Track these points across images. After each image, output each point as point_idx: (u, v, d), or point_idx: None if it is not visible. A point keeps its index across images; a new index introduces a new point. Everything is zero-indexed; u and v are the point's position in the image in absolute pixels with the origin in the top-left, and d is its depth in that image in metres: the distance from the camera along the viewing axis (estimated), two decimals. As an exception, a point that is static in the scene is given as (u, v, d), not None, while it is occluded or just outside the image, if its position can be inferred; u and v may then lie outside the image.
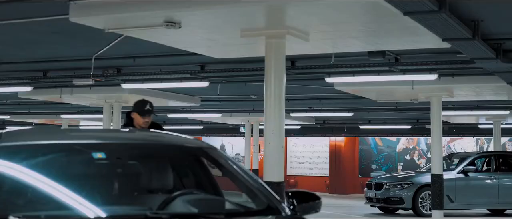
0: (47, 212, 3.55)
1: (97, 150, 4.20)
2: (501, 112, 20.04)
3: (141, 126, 6.95)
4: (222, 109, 22.39)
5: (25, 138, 4.27)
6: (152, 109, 7.08)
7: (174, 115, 23.42)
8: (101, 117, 22.51)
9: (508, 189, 17.97)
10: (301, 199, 4.07)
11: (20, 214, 3.42)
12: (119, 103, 17.98)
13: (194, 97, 18.79)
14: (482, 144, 30.20)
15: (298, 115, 23.49)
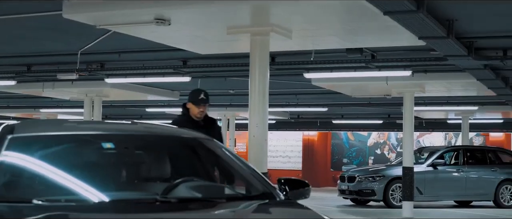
0: (65, 197, 3.85)
1: (105, 140, 4.55)
2: (470, 107, 20.67)
3: (196, 116, 6.88)
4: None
5: (37, 129, 4.60)
6: (207, 98, 6.96)
7: (153, 109, 23.65)
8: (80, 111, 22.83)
9: (474, 182, 18.60)
10: (293, 186, 4.44)
11: (43, 198, 3.72)
12: (99, 97, 18.26)
13: (173, 92, 19.10)
14: (450, 139, 30.90)
15: (274, 110, 23.90)
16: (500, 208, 18.30)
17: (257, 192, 4.27)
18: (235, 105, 22.77)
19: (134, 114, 26.06)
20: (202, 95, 6.90)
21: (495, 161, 19.31)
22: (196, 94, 6.94)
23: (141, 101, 21.11)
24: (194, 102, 6.89)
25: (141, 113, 25.47)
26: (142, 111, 24.64)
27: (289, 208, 4.05)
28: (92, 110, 18.42)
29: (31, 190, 3.93)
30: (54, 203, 3.71)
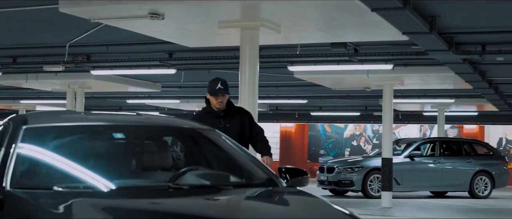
0: (83, 184, 4.05)
1: (116, 131, 4.78)
2: (447, 100, 21.12)
3: (216, 107, 6.55)
4: (181, 96, 22.89)
5: (50, 120, 4.81)
6: (226, 88, 6.52)
7: (134, 100, 23.79)
8: (60, 102, 22.94)
9: (450, 173, 19.07)
10: (293, 174, 4.66)
11: (63, 185, 3.91)
12: (82, 88, 18.43)
13: (156, 84, 19.27)
14: (425, 131, 31.38)
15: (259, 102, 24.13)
16: (475, 198, 18.77)
17: (260, 180, 4.48)
18: (215, 97, 22.95)
19: (114, 106, 26.17)
20: (219, 85, 6.51)
21: (471, 152, 19.80)
22: (213, 84, 6.56)
23: (122, 92, 21.27)
24: (211, 93, 6.54)
25: (121, 104, 25.58)
26: (123, 102, 24.75)
27: (296, 194, 4.27)
28: (74, 101, 18.56)
29: (50, 178, 4.09)
30: (73, 189, 3.91)
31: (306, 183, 4.71)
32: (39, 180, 4.07)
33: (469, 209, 15.69)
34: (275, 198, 4.21)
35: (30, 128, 4.36)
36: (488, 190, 19.23)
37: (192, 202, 3.91)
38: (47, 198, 3.69)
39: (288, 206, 3.98)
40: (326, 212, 3.84)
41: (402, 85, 16.43)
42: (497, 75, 15.74)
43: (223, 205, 3.96)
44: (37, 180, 4.07)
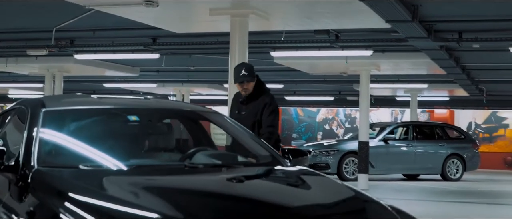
0: (105, 163, 4.25)
1: (130, 114, 5.02)
2: (420, 85, 21.59)
3: (242, 94, 6.44)
4: (158, 79, 23.05)
5: (66, 103, 5.03)
6: (249, 74, 6.32)
7: (111, 84, 23.88)
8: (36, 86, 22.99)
9: (423, 156, 19.51)
10: (295, 155, 4.93)
11: (87, 164, 4.14)
12: (61, 72, 18.49)
13: (134, 68, 19.40)
14: (396, 115, 31.91)
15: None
16: (447, 181, 19.23)
17: (266, 159, 4.71)
18: (192, 81, 23.20)
19: (91, 89, 26.26)
20: (243, 71, 6.31)
21: (443, 136, 20.26)
22: (236, 72, 6.40)
23: (100, 76, 21.36)
24: (235, 81, 6.43)
25: (98, 88, 25.66)
26: (100, 86, 24.84)
27: (305, 174, 4.47)
28: (53, 85, 18.64)
29: (73, 157, 4.31)
30: (98, 168, 4.14)
31: (307, 163, 4.99)
32: (63, 160, 4.26)
33: (442, 191, 16.11)
34: (287, 177, 4.45)
35: (49, 111, 4.55)
36: (460, 173, 19.70)
37: (213, 179, 4.18)
38: (74, 176, 3.91)
39: (302, 184, 4.21)
40: (336, 188, 4.12)
41: (379, 71, 16.81)
42: (471, 61, 16.24)
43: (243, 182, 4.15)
44: (61, 159, 4.27)
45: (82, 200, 3.42)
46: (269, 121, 6.39)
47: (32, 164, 3.97)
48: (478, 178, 21.01)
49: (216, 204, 3.53)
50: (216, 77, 22.02)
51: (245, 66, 6.40)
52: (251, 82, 6.35)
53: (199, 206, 3.41)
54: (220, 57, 14.89)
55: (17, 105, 5.20)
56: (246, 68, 6.35)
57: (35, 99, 5.08)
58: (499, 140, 29.97)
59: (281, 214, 3.45)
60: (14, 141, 4.77)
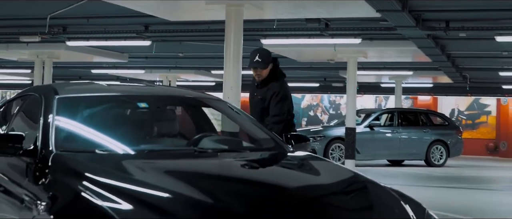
0: (120, 147, 4.41)
1: (140, 100, 5.18)
2: (405, 72, 21.90)
3: (255, 79, 6.46)
4: (146, 66, 23.19)
5: (78, 91, 5.18)
6: (263, 61, 6.30)
7: (99, 70, 23.99)
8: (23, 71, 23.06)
9: (407, 142, 19.75)
10: (297, 140, 5.09)
11: (103, 148, 4.33)
12: (50, 59, 18.61)
13: (123, 54, 19.53)
14: (380, 102, 32.19)
15: (218, 72, 24.55)
16: (431, 167, 19.50)
17: (269, 145, 4.88)
18: (179, 67, 23.37)
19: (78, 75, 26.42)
20: (256, 58, 6.30)
21: (427, 122, 20.52)
22: (251, 57, 6.38)
23: (88, 62, 21.48)
24: (248, 66, 6.44)
25: (86, 74, 25.77)
26: (88, 72, 24.94)
27: (311, 159, 4.71)
28: (42, 70, 18.75)
29: (89, 142, 4.47)
30: (113, 152, 4.30)
31: (309, 148, 5.20)
32: (79, 145, 4.41)
33: (426, 177, 16.38)
34: (290, 161, 4.66)
35: (62, 98, 4.69)
36: (444, 159, 19.97)
37: (221, 163, 4.40)
38: (92, 159, 4.09)
39: (306, 167, 4.45)
40: (339, 171, 4.34)
41: (366, 58, 17.08)
42: (456, 50, 16.57)
43: (254, 166, 4.44)
44: (77, 144, 4.41)
45: (102, 180, 3.59)
46: (275, 110, 6.37)
47: (51, 148, 4.11)
48: (461, 164, 21.32)
49: (225, 187, 3.73)
50: (204, 64, 22.21)
51: (259, 52, 6.36)
52: (264, 70, 6.33)
53: (210, 188, 3.59)
54: (211, 44, 15.08)
55: (28, 92, 5.35)
56: (260, 54, 6.32)
57: (46, 86, 5.26)
58: (481, 126, 30.35)
59: (287, 195, 3.67)
60: (25, 127, 4.93)
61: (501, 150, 29.31)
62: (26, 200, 3.84)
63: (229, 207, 3.36)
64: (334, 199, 3.76)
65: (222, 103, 5.58)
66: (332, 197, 3.79)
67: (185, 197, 3.41)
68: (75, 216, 3.38)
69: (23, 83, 32.48)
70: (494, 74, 22.18)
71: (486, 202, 11.02)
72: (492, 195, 12.74)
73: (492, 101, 30.17)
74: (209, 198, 3.42)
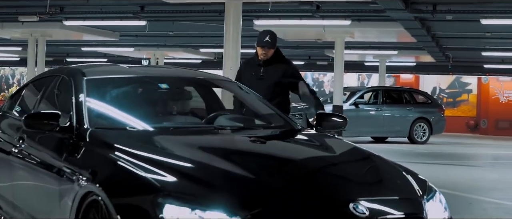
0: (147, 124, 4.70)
1: (161, 82, 5.52)
2: (390, 52, 22.39)
3: (260, 57, 6.68)
4: (135, 44, 23.48)
5: (103, 73, 5.52)
6: (272, 42, 6.61)
7: (89, 48, 24.25)
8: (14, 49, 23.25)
9: (391, 120, 20.14)
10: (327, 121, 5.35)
11: (133, 125, 4.66)
12: (44, 37, 18.91)
13: (114, 33, 19.83)
14: (363, 80, 32.56)
15: (206, 50, 24.96)
16: (414, 144, 19.89)
17: (280, 122, 5.22)
18: (168, 45, 23.69)
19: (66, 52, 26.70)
20: (266, 38, 6.59)
21: (410, 101, 20.86)
22: (261, 36, 6.66)
23: (79, 40, 21.78)
24: (258, 43, 6.64)
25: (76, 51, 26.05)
26: (78, 49, 25.21)
27: (321, 135, 5.06)
28: (36, 48, 19.06)
29: (119, 120, 4.80)
30: (142, 129, 4.62)
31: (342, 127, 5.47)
32: (111, 122, 4.75)
33: (410, 153, 16.69)
34: (304, 137, 5.03)
35: (91, 79, 4.98)
36: (426, 136, 20.31)
37: (238, 138, 4.81)
38: (125, 135, 4.43)
39: (318, 142, 4.83)
40: (345, 146, 4.77)
41: (353, 38, 17.54)
42: (441, 31, 17.12)
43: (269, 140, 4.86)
44: (109, 122, 4.75)
45: (137, 153, 3.96)
46: (310, 89, 6.84)
47: (86, 126, 4.47)
48: (443, 141, 21.68)
49: (248, 158, 4.19)
50: (192, 42, 22.57)
51: (270, 33, 6.66)
52: (272, 50, 6.64)
53: (234, 159, 4.05)
54: (205, 24, 15.46)
55: (53, 74, 5.71)
56: (270, 35, 6.63)
57: (73, 68, 5.47)
58: (462, 104, 30.78)
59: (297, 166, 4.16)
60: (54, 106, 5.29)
61: (482, 127, 29.74)
62: (66, 172, 4.21)
63: (256, 175, 3.78)
64: (346, 169, 4.24)
65: (233, 84, 5.96)
66: (344, 166, 4.28)
67: (212, 167, 3.83)
68: (119, 184, 3.77)
69: (10, 60, 32.74)
70: (476, 54, 22.79)
71: (467, 178, 11.34)
72: (473, 171, 13.08)
73: (473, 79, 30.52)
74: (235, 167, 3.84)
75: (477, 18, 13.40)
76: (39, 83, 5.93)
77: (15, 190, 5.22)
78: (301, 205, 3.56)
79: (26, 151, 4.97)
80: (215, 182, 3.66)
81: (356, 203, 3.57)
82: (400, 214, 3.68)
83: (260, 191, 3.62)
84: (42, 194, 4.66)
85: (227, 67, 10.24)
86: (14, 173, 5.19)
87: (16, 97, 6.24)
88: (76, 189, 3.99)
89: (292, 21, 14.38)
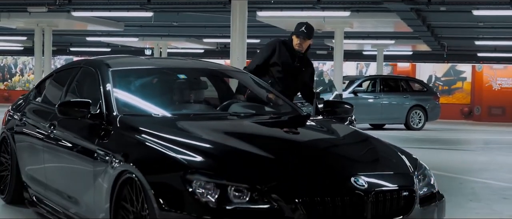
0: (168, 111, 5.16)
1: (179, 72, 5.98)
2: (387, 41, 22.91)
3: (295, 48, 6.74)
4: (139, 34, 23.96)
5: (126, 64, 5.95)
6: (307, 32, 6.69)
7: (93, 38, 24.71)
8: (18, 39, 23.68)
9: (388, 107, 20.59)
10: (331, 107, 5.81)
11: (157, 112, 5.07)
12: (50, 27, 19.40)
13: (119, 23, 20.32)
14: (361, 68, 33.05)
15: (209, 41, 25.42)
16: (410, 130, 20.39)
17: (288, 109, 5.71)
18: (171, 35, 24.16)
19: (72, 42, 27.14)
20: (303, 28, 6.69)
21: (407, 89, 21.29)
22: (298, 26, 6.74)
23: (84, 30, 22.24)
24: (294, 33, 6.73)
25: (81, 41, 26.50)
26: (82, 39, 25.67)
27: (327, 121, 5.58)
28: (42, 38, 19.55)
29: (144, 107, 5.22)
30: (166, 115, 5.09)
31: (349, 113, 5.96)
32: (136, 109, 5.16)
33: (406, 139, 17.04)
34: (310, 122, 5.53)
35: (115, 70, 5.40)
36: (422, 123, 20.80)
37: (251, 124, 5.19)
38: (152, 120, 4.87)
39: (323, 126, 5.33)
40: (347, 130, 5.29)
41: (352, 28, 18.07)
42: (436, 21, 17.69)
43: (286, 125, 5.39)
44: (135, 109, 5.15)
45: (165, 136, 4.38)
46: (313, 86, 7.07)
47: (115, 113, 4.85)
48: (438, 128, 22.12)
49: (263, 140, 4.69)
50: (195, 32, 23.04)
51: (306, 25, 6.76)
52: (307, 41, 6.76)
53: (250, 140, 4.52)
54: (209, 15, 15.94)
55: (77, 65, 6.14)
56: (307, 27, 6.75)
57: (98, 60, 5.85)
58: (457, 92, 31.22)
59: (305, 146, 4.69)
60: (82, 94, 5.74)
61: (475, 114, 30.16)
62: (100, 154, 4.60)
63: (270, 153, 4.26)
64: (348, 149, 4.77)
65: (245, 74, 6.42)
66: (346, 147, 4.81)
67: (231, 147, 4.34)
68: (151, 163, 4.15)
69: (14, 49, 33.16)
70: (470, 43, 23.31)
71: (460, 161, 11.79)
72: (466, 154, 13.48)
73: (467, 67, 30.88)
74: (252, 147, 4.33)
75: (469, 9, 13.96)
76: (62, 74, 6.34)
77: (48, 172, 5.58)
78: (309, 179, 4.04)
79: (59, 136, 5.36)
80: (235, 160, 4.15)
81: (356, 177, 4.06)
82: (394, 186, 4.17)
83: (274, 167, 4.11)
84: (76, 174, 5.01)
85: (234, 58, 10.77)
86: (47, 156, 5.57)
87: (41, 87, 6.66)
88: (111, 169, 4.39)
89: (293, 12, 14.91)
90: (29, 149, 6.08)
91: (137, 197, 4.17)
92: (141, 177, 4.07)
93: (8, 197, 6.52)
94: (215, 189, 3.86)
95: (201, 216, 3.82)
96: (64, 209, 5.32)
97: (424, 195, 4.34)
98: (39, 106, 6.36)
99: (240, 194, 3.86)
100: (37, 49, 19.70)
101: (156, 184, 4.01)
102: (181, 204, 3.88)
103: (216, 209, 3.82)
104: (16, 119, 6.57)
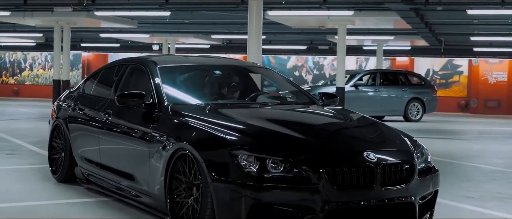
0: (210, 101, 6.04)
1: (216, 69, 6.92)
2: (387, 37, 23.87)
3: None
4: (149, 30, 24.89)
5: (170, 61, 6.81)
6: None
7: (106, 34, 25.65)
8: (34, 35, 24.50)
9: (388, 100, 21.26)
10: (326, 97, 6.78)
11: (201, 101, 5.97)
12: (68, 25, 20.38)
13: (132, 20, 21.28)
14: (361, 63, 33.78)
15: (218, 37, 26.27)
16: (409, 122, 21.10)
17: (305, 100, 6.64)
18: (180, 31, 25.08)
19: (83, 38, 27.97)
20: None
21: (405, 82, 22.01)
22: None
23: (97, 27, 23.18)
24: None
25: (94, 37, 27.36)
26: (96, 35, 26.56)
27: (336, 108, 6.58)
28: (61, 35, 20.53)
29: (189, 98, 6.06)
30: (208, 104, 5.91)
31: (337, 103, 6.87)
32: (182, 99, 5.97)
33: (405, 130, 17.29)
34: (327, 110, 6.38)
35: (162, 67, 6.25)
36: (420, 115, 21.53)
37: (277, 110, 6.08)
38: (198, 108, 5.69)
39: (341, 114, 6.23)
40: (357, 115, 6.20)
41: (354, 25, 19.06)
42: (433, 18, 18.69)
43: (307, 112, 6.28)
44: (182, 99, 5.96)
45: (212, 120, 5.28)
46: None
47: (166, 103, 5.70)
48: (435, 119, 22.85)
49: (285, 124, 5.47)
50: (204, 29, 23.94)
51: None
52: None
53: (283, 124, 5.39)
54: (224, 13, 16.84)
55: (126, 62, 6.96)
56: None
57: (145, 58, 6.70)
58: (454, 85, 31.81)
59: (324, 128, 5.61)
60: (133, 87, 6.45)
61: (472, 107, 30.77)
62: (155, 136, 5.41)
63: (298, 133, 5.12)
64: (360, 131, 5.71)
65: (269, 71, 7.46)
66: (358, 129, 5.74)
67: (265, 128, 5.21)
68: (201, 141, 4.99)
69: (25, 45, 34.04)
70: (466, 39, 24.24)
71: (455, 149, 12.39)
72: (461, 143, 14.11)
73: (464, 62, 31.49)
74: (282, 128, 5.20)
75: (464, 9, 15.01)
76: (109, 71, 7.22)
77: (103, 153, 6.41)
78: (330, 154, 4.91)
79: (115, 122, 6.18)
80: (270, 138, 5.02)
81: (367, 152, 4.92)
82: (397, 161, 5.04)
83: (302, 144, 4.97)
84: (132, 153, 5.76)
85: (251, 54, 11.74)
86: (102, 140, 6.38)
87: (90, 82, 7.52)
88: (166, 148, 5.20)
89: (301, 11, 15.87)
90: (83, 134, 6.89)
91: (190, 169, 4.99)
92: (195, 153, 4.89)
93: (61, 176, 7.31)
94: (256, 161, 4.70)
95: (245, 183, 4.64)
96: (117, 184, 6.13)
97: (422, 169, 5.22)
98: (91, 97, 7.18)
99: (275, 166, 4.70)
100: (57, 45, 20.62)
101: (207, 158, 4.84)
102: (228, 173, 4.71)
103: (257, 177, 4.66)
104: (68, 109, 7.39)
